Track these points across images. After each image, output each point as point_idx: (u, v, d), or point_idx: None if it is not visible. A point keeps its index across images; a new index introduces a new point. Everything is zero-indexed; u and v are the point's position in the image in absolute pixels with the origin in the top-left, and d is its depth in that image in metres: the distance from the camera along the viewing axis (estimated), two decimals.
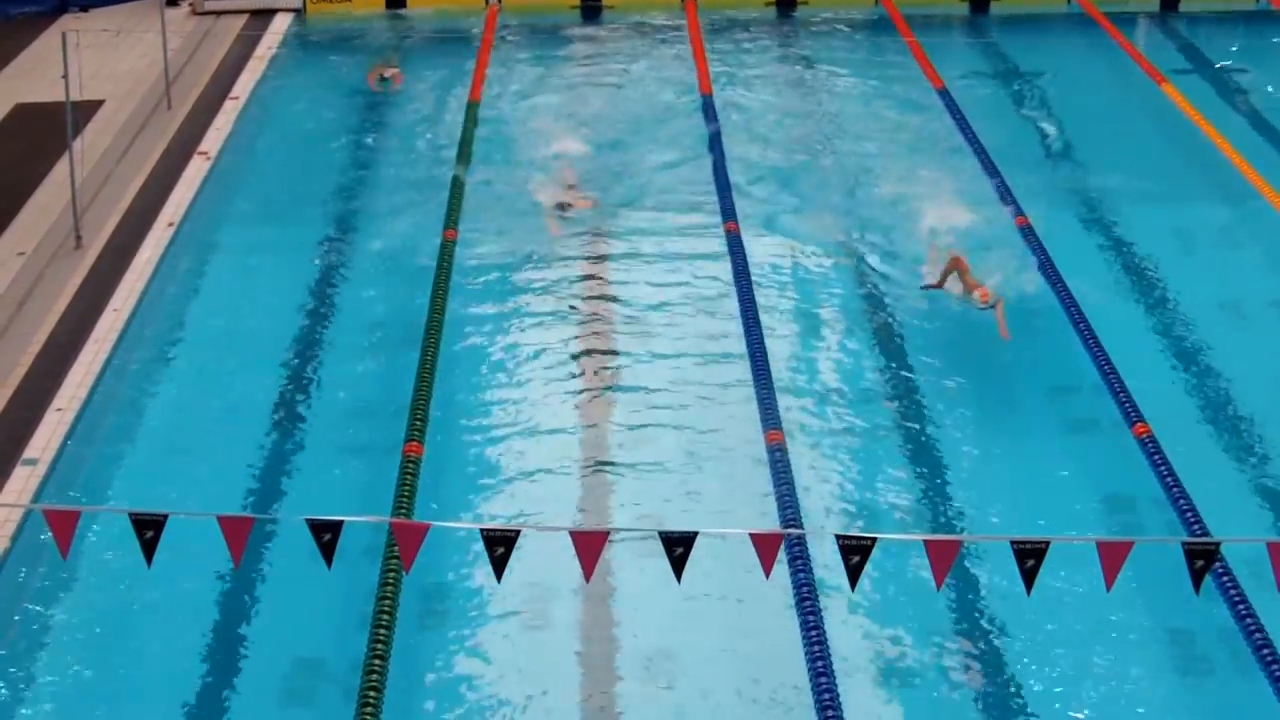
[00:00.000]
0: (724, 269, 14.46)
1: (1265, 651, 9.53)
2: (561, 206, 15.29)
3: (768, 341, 13.03)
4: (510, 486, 11.49)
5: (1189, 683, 9.72)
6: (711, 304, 13.95)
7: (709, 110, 18.18)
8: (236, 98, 18.72)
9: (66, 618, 10.15)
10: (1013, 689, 9.61)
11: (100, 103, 17.88)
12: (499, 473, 11.62)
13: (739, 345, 13.10)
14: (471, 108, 18.33)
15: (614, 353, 13.23)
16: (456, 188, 15.99)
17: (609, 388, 12.74)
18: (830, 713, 9.04)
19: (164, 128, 17.76)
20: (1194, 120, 18.10)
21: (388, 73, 19.47)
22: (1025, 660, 9.80)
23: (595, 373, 12.95)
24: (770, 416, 11.92)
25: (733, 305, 13.76)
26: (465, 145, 17.14)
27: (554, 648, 9.94)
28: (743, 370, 12.71)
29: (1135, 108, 18.91)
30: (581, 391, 12.66)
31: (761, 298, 13.84)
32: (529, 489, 11.47)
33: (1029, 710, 9.44)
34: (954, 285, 13.73)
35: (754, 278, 14.15)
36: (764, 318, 13.45)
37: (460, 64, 20.11)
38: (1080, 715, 9.39)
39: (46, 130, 16.47)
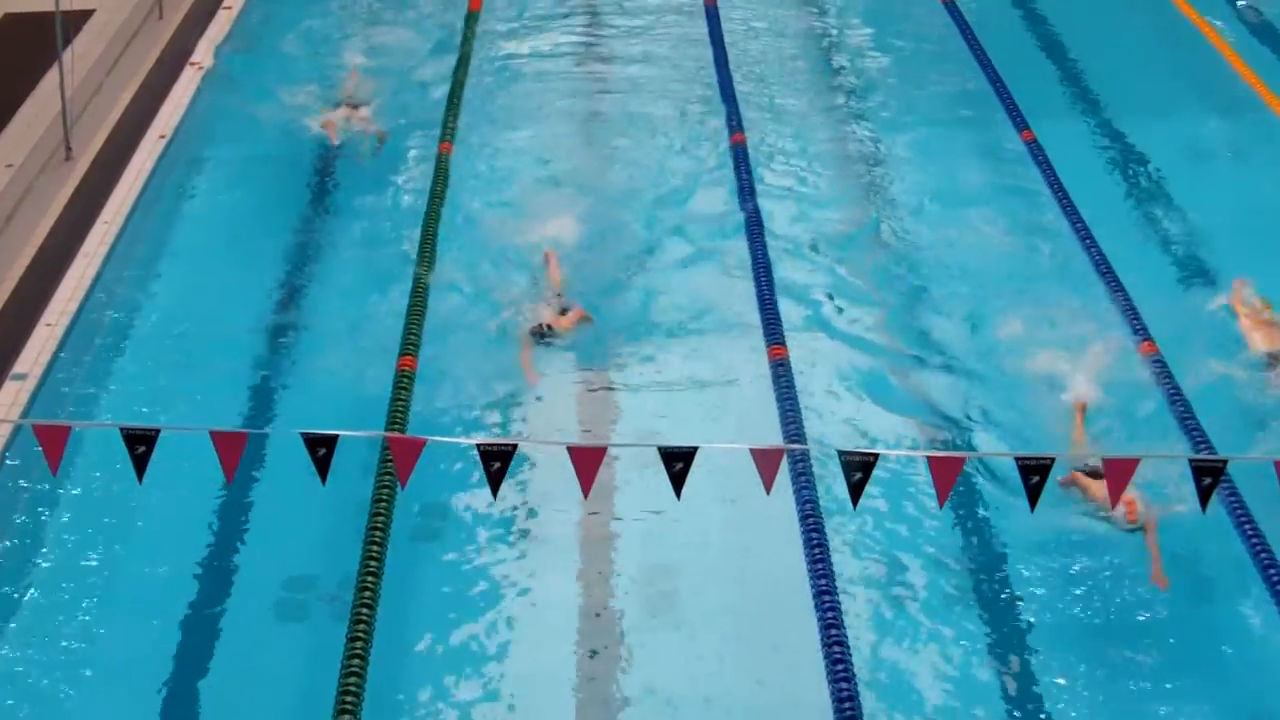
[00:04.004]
0: (729, 184, 14.22)
1: (1272, 572, 9.44)
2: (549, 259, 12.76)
3: (772, 255, 12.85)
4: (506, 401, 11.34)
5: (1193, 605, 9.62)
6: (717, 218, 13.73)
7: (713, 21, 17.90)
8: (229, 7, 18.37)
9: (56, 535, 10.03)
10: (1012, 608, 9.52)
11: (90, 12, 17.53)
12: (495, 387, 11.46)
13: (744, 259, 12.91)
14: (471, 18, 18.02)
15: (613, 265, 13.02)
16: (454, 99, 15.75)
17: (607, 301, 12.56)
18: (834, 631, 8.96)
19: (155, 37, 17.45)
20: (1202, 30, 17.86)
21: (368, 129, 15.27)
22: (1026, 577, 9.70)
23: (594, 286, 12.75)
24: (773, 331, 11.77)
25: (737, 218, 13.56)
26: (464, 58, 16.88)
27: (550, 564, 9.84)
28: (746, 284, 12.54)
29: (1144, 20, 18.63)
30: (579, 304, 12.46)
31: (767, 211, 13.65)
32: (525, 404, 11.32)
33: (1027, 626, 9.37)
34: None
35: (759, 194, 13.93)
36: (769, 232, 13.27)
37: None
38: (1086, 635, 9.30)
39: (35, 40, 16.16)
